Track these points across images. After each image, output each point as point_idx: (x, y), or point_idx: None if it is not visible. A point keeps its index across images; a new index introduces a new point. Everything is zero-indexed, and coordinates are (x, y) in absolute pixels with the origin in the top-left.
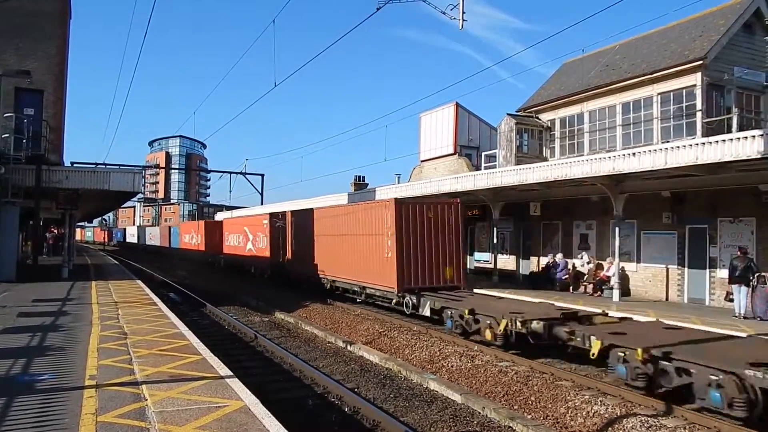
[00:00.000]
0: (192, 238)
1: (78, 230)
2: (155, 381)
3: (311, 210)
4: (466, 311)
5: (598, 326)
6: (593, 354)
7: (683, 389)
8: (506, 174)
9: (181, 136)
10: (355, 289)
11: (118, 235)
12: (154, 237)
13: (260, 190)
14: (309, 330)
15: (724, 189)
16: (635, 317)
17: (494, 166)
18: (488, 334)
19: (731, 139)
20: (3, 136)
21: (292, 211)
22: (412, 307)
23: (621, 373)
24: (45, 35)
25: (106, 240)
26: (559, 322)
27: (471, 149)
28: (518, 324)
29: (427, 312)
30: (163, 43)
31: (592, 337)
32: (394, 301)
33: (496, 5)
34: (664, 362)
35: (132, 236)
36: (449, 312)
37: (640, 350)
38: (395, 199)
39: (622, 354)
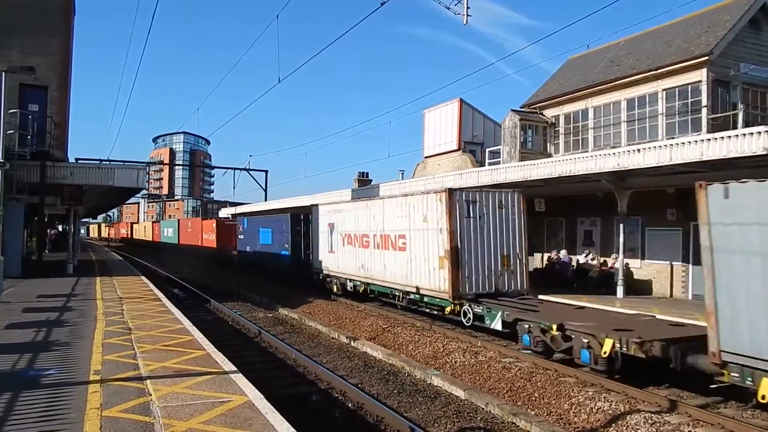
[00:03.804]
0: None
1: (150, 224)
2: (160, 376)
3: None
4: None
5: None
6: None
7: None
8: (510, 170)
9: (185, 133)
10: None
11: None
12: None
13: (264, 186)
14: (313, 326)
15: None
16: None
17: (498, 162)
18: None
19: (737, 136)
20: (8, 132)
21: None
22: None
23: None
24: (49, 31)
25: (214, 241)
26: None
27: (475, 145)
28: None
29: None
30: (167, 38)
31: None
32: None
33: (500, 1)
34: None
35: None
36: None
37: None
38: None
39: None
